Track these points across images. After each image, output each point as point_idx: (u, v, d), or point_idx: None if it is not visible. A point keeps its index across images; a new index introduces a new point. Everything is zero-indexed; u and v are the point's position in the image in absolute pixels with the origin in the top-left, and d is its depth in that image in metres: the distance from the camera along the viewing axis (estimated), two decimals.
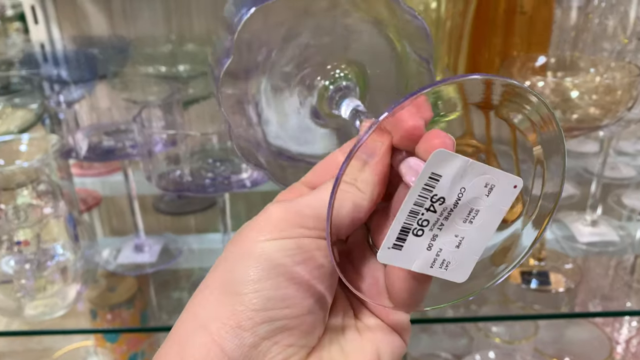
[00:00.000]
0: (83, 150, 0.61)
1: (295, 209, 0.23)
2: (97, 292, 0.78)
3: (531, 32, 0.73)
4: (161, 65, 0.87)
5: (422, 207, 0.22)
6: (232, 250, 0.24)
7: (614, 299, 0.67)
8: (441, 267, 0.24)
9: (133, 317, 1.11)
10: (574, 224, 0.74)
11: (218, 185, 0.52)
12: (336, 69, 0.30)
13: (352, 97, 0.29)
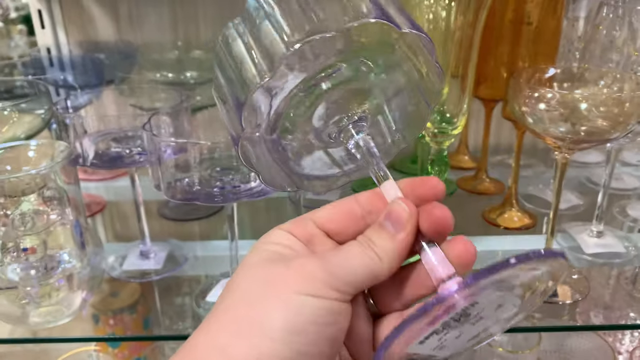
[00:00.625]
0: (90, 156, 0.61)
1: (329, 270, 0.24)
2: (100, 297, 0.78)
3: (538, 42, 0.73)
4: (168, 71, 0.87)
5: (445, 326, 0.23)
6: (261, 287, 0.24)
7: (618, 310, 0.66)
8: (434, 350, 0.25)
9: (136, 322, 1.11)
10: (580, 235, 0.74)
11: (226, 194, 0.52)
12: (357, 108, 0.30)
13: (364, 130, 0.29)
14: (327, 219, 0.28)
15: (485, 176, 0.90)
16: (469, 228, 0.81)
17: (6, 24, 4.73)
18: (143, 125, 0.52)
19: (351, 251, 0.25)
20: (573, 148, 0.58)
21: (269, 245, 0.26)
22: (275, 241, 0.27)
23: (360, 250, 0.24)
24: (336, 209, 0.28)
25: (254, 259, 0.26)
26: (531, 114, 0.58)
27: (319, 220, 0.28)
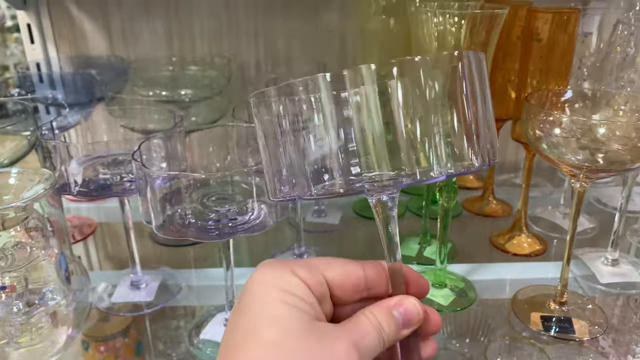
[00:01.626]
0: (77, 184, 0.57)
1: (358, 350, 0.28)
2: (90, 323, 0.74)
3: (548, 60, 0.70)
4: (162, 89, 0.84)
5: None
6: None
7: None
8: None
9: (128, 347, 1.06)
10: (594, 263, 0.70)
11: (222, 229, 0.48)
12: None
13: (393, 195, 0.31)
14: (337, 285, 0.30)
15: (492, 197, 0.87)
16: (475, 253, 0.77)
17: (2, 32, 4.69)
18: (132, 154, 0.48)
19: (369, 334, 0.28)
20: (591, 177, 0.55)
21: (293, 298, 0.28)
22: (297, 294, 0.28)
23: (375, 335, 0.29)
24: (347, 277, 0.31)
25: (284, 312, 0.27)
26: (546, 139, 0.54)
27: (331, 281, 0.30)
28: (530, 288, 0.66)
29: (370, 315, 0.29)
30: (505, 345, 0.64)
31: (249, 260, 0.76)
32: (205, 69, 0.92)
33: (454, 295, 0.64)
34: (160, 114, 0.67)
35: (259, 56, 0.97)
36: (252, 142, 0.58)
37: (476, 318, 0.64)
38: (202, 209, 0.51)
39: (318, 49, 0.96)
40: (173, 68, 0.93)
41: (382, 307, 0.30)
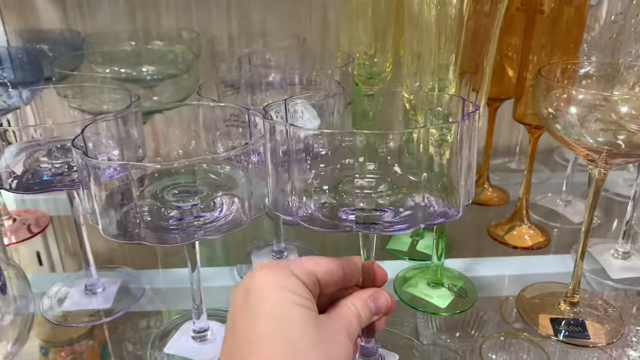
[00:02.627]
0: (14, 178, 0.48)
1: (349, 334, 0.34)
2: (48, 327, 0.65)
3: (553, 34, 0.63)
4: (122, 66, 0.74)
5: None
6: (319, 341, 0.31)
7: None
8: None
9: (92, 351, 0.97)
10: (603, 256, 0.64)
11: (187, 229, 0.40)
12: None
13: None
14: (324, 283, 0.35)
15: (488, 185, 0.80)
16: (472, 247, 0.71)
17: None
18: (73, 140, 0.39)
19: (353, 322, 0.35)
20: (611, 163, 0.48)
21: (300, 298, 0.32)
22: (302, 294, 0.33)
23: (357, 322, 0.35)
24: (331, 276, 0.36)
25: (296, 312, 0.31)
26: (562, 119, 0.47)
27: (320, 280, 0.35)
28: (536, 285, 0.59)
29: (352, 307, 0.36)
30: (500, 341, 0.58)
31: (223, 259, 0.68)
32: (171, 44, 0.83)
33: (452, 296, 0.57)
34: (117, 93, 0.58)
35: (232, 30, 0.88)
36: (220, 125, 0.49)
37: (477, 321, 0.57)
38: (161, 205, 0.43)
39: (297, 22, 0.87)
40: (135, 43, 0.83)
41: (360, 299, 0.36)
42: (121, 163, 0.41)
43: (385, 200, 0.38)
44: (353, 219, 0.37)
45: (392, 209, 0.38)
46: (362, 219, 0.37)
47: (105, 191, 0.40)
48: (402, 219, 0.36)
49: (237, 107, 0.48)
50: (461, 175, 0.36)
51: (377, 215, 0.37)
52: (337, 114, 0.52)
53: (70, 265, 0.75)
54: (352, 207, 0.38)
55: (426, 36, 0.50)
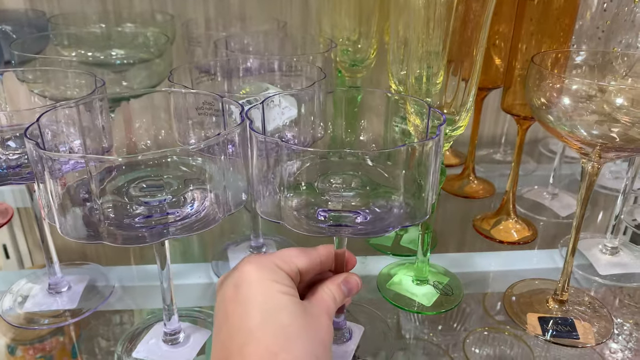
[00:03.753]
0: None
1: (330, 315, 0.38)
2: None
3: (544, 21, 0.60)
4: (89, 49, 0.70)
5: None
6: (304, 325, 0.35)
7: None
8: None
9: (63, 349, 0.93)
10: (591, 252, 0.62)
11: (155, 227, 0.37)
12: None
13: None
14: (304, 272, 0.39)
15: (473, 176, 0.78)
16: (457, 241, 0.69)
17: None
18: (25, 129, 0.35)
19: (331, 305, 0.39)
20: (605, 157, 0.46)
21: (287, 288, 0.36)
22: (287, 284, 0.36)
23: (334, 305, 0.39)
24: (311, 265, 0.40)
25: (285, 301, 0.35)
26: (555, 110, 0.45)
27: (302, 269, 0.39)
28: (523, 282, 0.57)
29: (328, 292, 0.39)
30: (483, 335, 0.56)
31: (198, 255, 0.65)
32: (143, 26, 0.79)
33: (438, 294, 0.55)
34: (82, 78, 0.54)
35: (209, 13, 0.84)
36: (193, 114, 0.46)
37: (463, 320, 0.55)
38: (127, 201, 0.39)
39: (277, 5, 0.84)
40: (105, 25, 0.78)
41: (335, 283, 0.40)
42: (79, 155, 0.37)
43: (357, 202, 0.39)
44: (325, 218, 0.38)
45: (365, 212, 0.38)
46: (333, 219, 0.38)
47: (63, 186, 0.37)
48: (371, 222, 0.38)
49: (211, 94, 0.44)
50: (430, 181, 0.38)
51: (351, 216, 0.38)
52: (317, 102, 0.49)
53: (40, 259, 0.71)
54: (326, 208, 0.39)
55: (413, 21, 0.47)
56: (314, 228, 0.38)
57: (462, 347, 0.51)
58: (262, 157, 0.38)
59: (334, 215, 0.39)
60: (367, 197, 0.40)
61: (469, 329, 0.54)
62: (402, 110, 0.47)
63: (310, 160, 0.41)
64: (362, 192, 0.41)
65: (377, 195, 0.40)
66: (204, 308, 0.54)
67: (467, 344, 0.51)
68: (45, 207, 0.36)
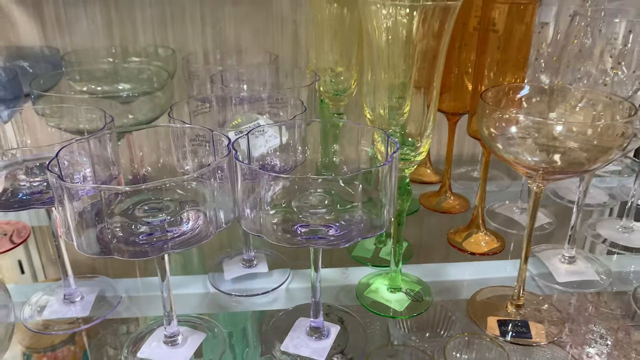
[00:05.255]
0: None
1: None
2: (30, 334, 0.68)
3: (505, 51, 0.67)
4: (99, 83, 0.78)
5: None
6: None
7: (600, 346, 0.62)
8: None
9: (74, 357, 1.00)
10: (551, 261, 0.69)
11: (156, 246, 0.44)
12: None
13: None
14: None
15: (449, 193, 0.85)
16: (432, 253, 0.75)
17: None
18: (48, 163, 0.43)
19: None
20: (548, 178, 0.52)
21: None
22: None
23: None
24: None
25: None
26: (501, 139, 0.52)
27: None
28: (487, 289, 0.64)
29: None
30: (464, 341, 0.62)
31: (196, 267, 0.72)
32: (149, 60, 0.87)
33: (409, 300, 0.62)
34: (94, 112, 0.62)
35: (207, 46, 0.91)
36: (188, 144, 0.53)
37: (433, 323, 0.61)
38: (131, 222, 0.46)
39: (270, 39, 0.91)
40: (113, 60, 0.86)
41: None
42: (93, 186, 0.44)
43: (331, 216, 0.46)
44: (304, 231, 0.45)
45: (335, 225, 0.44)
46: (309, 233, 0.45)
47: (78, 209, 0.44)
48: (341, 233, 0.44)
49: (203, 128, 0.52)
50: (388, 199, 0.45)
51: (324, 230, 0.45)
52: (298, 131, 0.56)
53: (52, 273, 0.78)
54: (303, 223, 0.45)
55: (379, 58, 0.54)
56: (292, 241, 0.45)
57: (443, 354, 0.57)
58: (246, 181, 0.45)
59: (310, 230, 0.46)
60: (337, 213, 0.47)
61: (435, 330, 0.60)
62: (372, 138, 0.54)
63: (289, 182, 0.49)
64: (333, 209, 0.48)
65: (345, 211, 0.47)
66: (201, 314, 0.60)
67: (448, 349, 0.57)
68: (63, 227, 0.44)
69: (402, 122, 0.56)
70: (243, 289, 0.64)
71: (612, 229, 0.77)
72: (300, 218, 0.47)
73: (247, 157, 0.51)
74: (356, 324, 0.58)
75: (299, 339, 0.55)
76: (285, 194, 0.49)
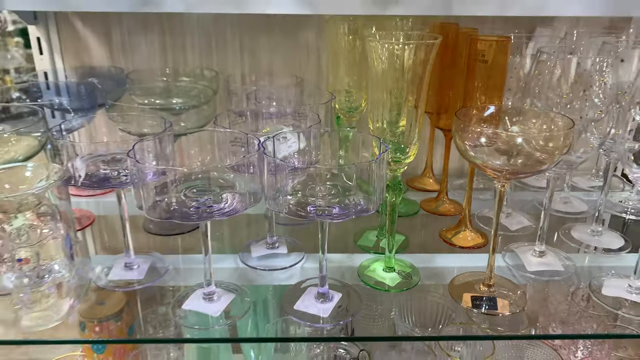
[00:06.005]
0: (81, 177, 0.68)
1: None
2: (87, 305, 0.84)
3: (489, 77, 0.81)
4: (156, 97, 0.95)
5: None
6: None
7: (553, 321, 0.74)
8: None
9: (120, 330, 1.17)
10: (524, 255, 0.81)
11: (201, 213, 0.59)
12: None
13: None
14: None
15: (446, 198, 0.98)
16: (428, 247, 0.88)
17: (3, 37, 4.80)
18: (128, 152, 0.59)
19: None
20: (510, 178, 0.66)
21: None
22: None
23: None
24: None
25: None
26: (472, 149, 0.66)
27: None
28: (467, 274, 0.77)
29: None
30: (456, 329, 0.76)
31: (230, 248, 0.87)
32: (195, 80, 1.04)
33: (400, 279, 0.75)
34: (154, 119, 0.78)
35: (244, 70, 1.08)
36: (228, 145, 0.69)
37: (420, 299, 0.75)
38: (185, 199, 0.62)
39: (297, 64, 1.08)
40: (167, 79, 1.04)
41: None
42: (162, 167, 0.60)
43: (335, 200, 0.61)
44: (314, 210, 0.60)
45: (337, 206, 0.59)
46: (319, 211, 0.60)
47: (148, 188, 0.60)
48: (342, 212, 0.60)
49: (240, 132, 0.68)
50: (376, 188, 0.59)
51: (329, 209, 0.59)
52: (313, 139, 0.71)
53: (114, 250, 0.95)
54: (314, 205, 0.61)
55: (377, 83, 0.69)
56: (305, 216, 0.60)
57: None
58: (271, 173, 0.60)
59: (318, 209, 0.61)
60: (339, 197, 0.62)
61: (423, 304, 0.73)
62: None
63: (305, 176, 0.64)
64: (336, 194, 0.62)
65: (345, 197, 0.62)
66: (232, 282, 0.75)
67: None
68: (136, 199, 0.60)
69: (398, 133, 0.71)
70: (266, 265, 0.79)
71: (583, 232, 0.89)
72: (312, 201, 0.62)
73: (273, 157, 0.67)
74: (355, 293, 0.72)
75: (309, 302, 0.69)
76: (301, 185, 0.64)
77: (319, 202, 0.62)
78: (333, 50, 0.93)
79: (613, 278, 0.75)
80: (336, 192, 0.63)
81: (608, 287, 0.74)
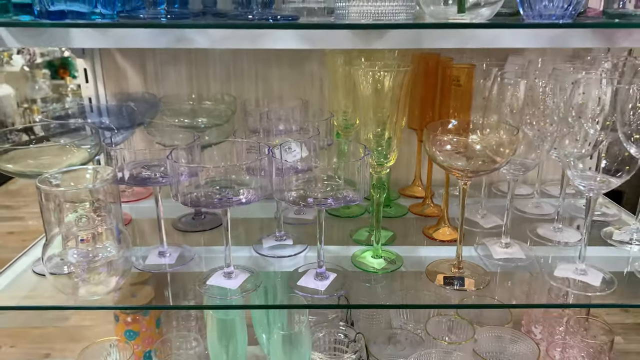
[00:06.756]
0: (126, 178, 0.86)
1: None
2: (120, 298, 1.00)
3: (461, 98, 0.98)
4: (184, 118, 1.13)
5: None
6: None
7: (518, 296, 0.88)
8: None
9: (149, 322, 1.34)
10: (493, 246, 0.96)
11: (223, 202, 0.76)
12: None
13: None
14: None
15: (431, 202, 1.14)
16: (413, 241, 1.04)
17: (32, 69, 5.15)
18: (167, 156, 0.76)
19: None
20: (471, 177, 0.82)
21: None
22: None
23: None
24: None
25: None
26: (439, 154, 0.82)
27: None
28: (442, 260, 0.92)
29: None
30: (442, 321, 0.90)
31: (245, 241, 1.03)
32: (217, 104, 1.22)
33: (385, 263, 0.91)
34: (184, 134, 0.96)
35: (258, 95, 1.27)
36: (245, 153, 0.86)
37: (402, 280, 0.90)
38: (211, 192, 0.79)
39: (302, 90, 1.26)
40: (192, 102, 1.22)
41: None
42: (193, 166, 0.78)
43: (329, 194, 0.77)
44: (312, 201, 0.76)
45: (331, 198, 0.75)
46: (317, 202, 0.77)
47: (183, 185, 0.77)
48: (335, 201, 0.77)
49: (255, 142, 0.85)
50: (360, 183, 0.76)
51: (325, 200, 0.75)
52: (313, 149, 0.88)
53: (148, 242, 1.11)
54: (312, 197, 0.77)
55: (364, 102, 0.86)
56: (305, 205, 0.77)
57: (424, 330, 0.85)
58: (279, 174, 0.77)
59: (315, 200, 0.77)
60: (332, 191, 0.78)
61: (404, 284, 0.89)
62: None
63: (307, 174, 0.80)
64: (330, 189, 0.79)
65: (337, 190, 0.78)
66: (246, 265, 0.92)
67: (429, 327, 0.86)
68: (173, 191, 0.77)
69: (383, 143, 0.87)
70: (275, 254, 0.96)
71: (547, 229, 1.04)
72: (310, 194, 0.79)
73: (280, 163, 0.83)
74: (348, 275, 0.88)
75: (309, 280, 0.85)
76: (302, 182, 0.81)
77: (317, 194, 0.78)
78: (332, 78, 1.11)
79: (564, 263, 0.90)
80: (330, 188, 0.80)
81: (560, 270, 0.88)
